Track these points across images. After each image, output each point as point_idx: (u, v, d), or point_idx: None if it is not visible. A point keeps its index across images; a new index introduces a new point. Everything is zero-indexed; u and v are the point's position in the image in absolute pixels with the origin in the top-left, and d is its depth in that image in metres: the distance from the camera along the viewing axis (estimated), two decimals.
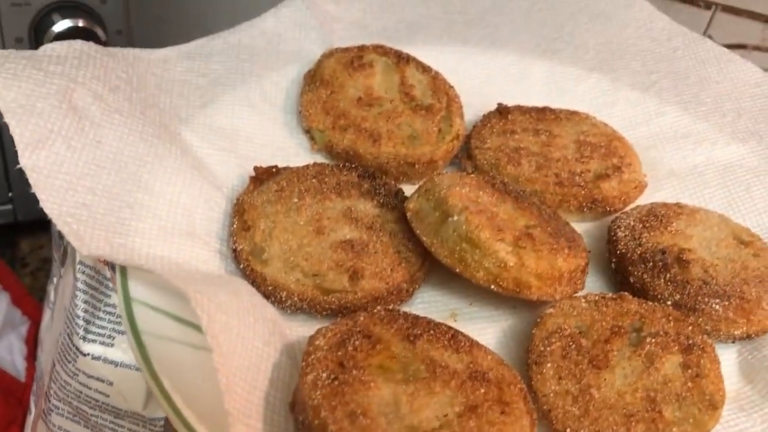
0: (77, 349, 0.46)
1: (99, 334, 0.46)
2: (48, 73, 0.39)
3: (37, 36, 0.61)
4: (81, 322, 0.46)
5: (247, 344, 0.33)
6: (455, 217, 0.38)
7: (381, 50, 0.52)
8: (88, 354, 0.46)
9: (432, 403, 0.32)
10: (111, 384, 0.46)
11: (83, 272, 0.46)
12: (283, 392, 0.33)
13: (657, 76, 0.57)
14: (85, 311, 0.46)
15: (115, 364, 0.46)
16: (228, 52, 0.51)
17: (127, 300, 0.35)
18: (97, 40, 0.52)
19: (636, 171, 0.49)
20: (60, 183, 0.37)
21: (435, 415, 0.31)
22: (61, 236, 0.54)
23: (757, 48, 0.88)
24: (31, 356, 0.63)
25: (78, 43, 0.43)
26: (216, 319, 0.32)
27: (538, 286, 0.38)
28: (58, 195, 0.36)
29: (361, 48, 0.52)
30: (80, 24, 0.63)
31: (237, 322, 0.33)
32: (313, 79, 0.50)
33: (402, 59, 0.52)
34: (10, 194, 0.69)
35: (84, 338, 0.46)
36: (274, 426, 0.32)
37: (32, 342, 0.64)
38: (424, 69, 0.52)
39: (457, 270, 0.38)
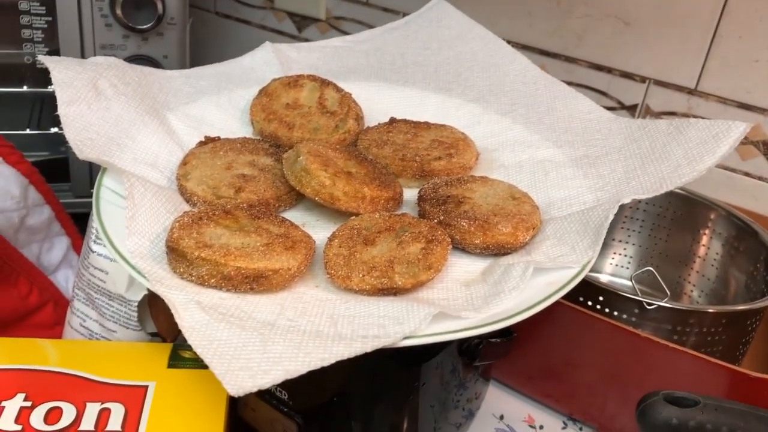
0: (90, 248, 0.72)
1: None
2: (86, 69, 0.68)
3: None
4: (93, 230, 0.72)
5: (152, 207, 0.58)
6: (301, 157, 0.62)
7: (312, 77, 0.78)
8: (95, 252, 0.72)
9: (244, 239, 0.55)
10: (107, 273, 0.71)
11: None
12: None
13: (517, 106, 0.78)
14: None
15: (110, 259, 0.71)
16: (214, 76, 0.79)
17: (99, 184, 0.61)
18: None
19: (465, 158, 0.70)
20: (79, 126, 0.64)
21: (241, 242, 0.54)
22: None
23: (685, 115, 1.07)
24: None
25: (111, 58, 0.72)
26: (135, 188, 0.57)
27: (345, 201, 0.60)
28: (76, 132, 0.63)
29: (299, 75, 0.78)
30: None
31: (151, 196, 0.58)
32: (261, 91, 0.76)
33: (324, 83, 0.77)
34: None
35: (94, 241, 0.72)
36: (156, 244, 0.55)
37: None
38: (339, 90, 0.77)
39: (297, 187, 0.61)
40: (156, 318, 0.74)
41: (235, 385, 0.41)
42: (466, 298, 0.54)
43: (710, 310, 0.78)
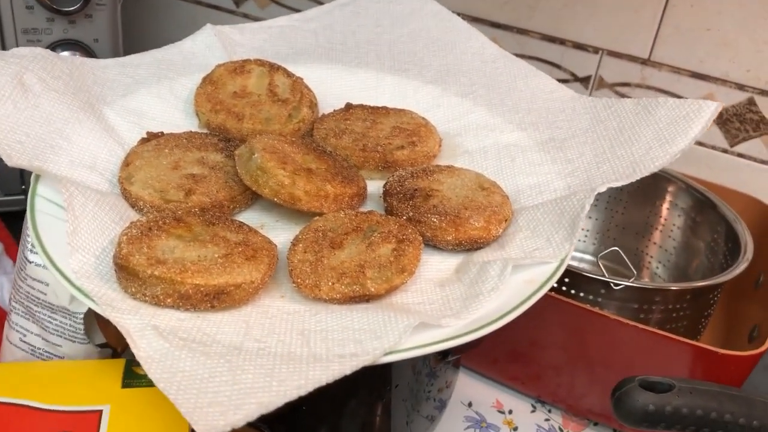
0: (26, 258, 0.66)
1: None
2: (8, 63, 0.61)
3: None
4: (29, 239, 0.66)
5: (95, 218, 0.52)
6: (255, 155, 0.57)
7: (259, 62, 0.73)
8: (32, 262, 0.65)
9: (200, 251, 0.50)
10: (47, 285, 0.66)
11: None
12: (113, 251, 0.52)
13: (477, 86, 0.75)
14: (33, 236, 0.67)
15: None
16: (153, 63, 0.73)
17: (33, 194, 0.55)
18: None
19: (428, 146, 0.67)
20: (5, 128, 0.58)
21: (197, 255, 0.50)
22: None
23: (638, 85, 1.05)
24: None
25: (37, 49, 0.65)
26: (75, 197, 0.52)
27: (306, 200, 0.56)
28: (3, 135, 0.57)
29: (246, 60, 0.73)
30: None
31: (93, 205, 0.53)
32: (205, 79, 0.71)
33: (273, 68, 0.72)
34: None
35: (31, 251, 0.66)
36: (101, 261, 0.50)
37: None
38: (289, 75, 0.72)
39: (254, 188, 0.57)
40: (104, 328, 0.69)
41: (206, 424, 0.37)
42: (442, 301, 0.51)
43: (674, 288, 0.78)
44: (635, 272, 0.78)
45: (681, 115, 0.62)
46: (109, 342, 0.70)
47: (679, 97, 1.01)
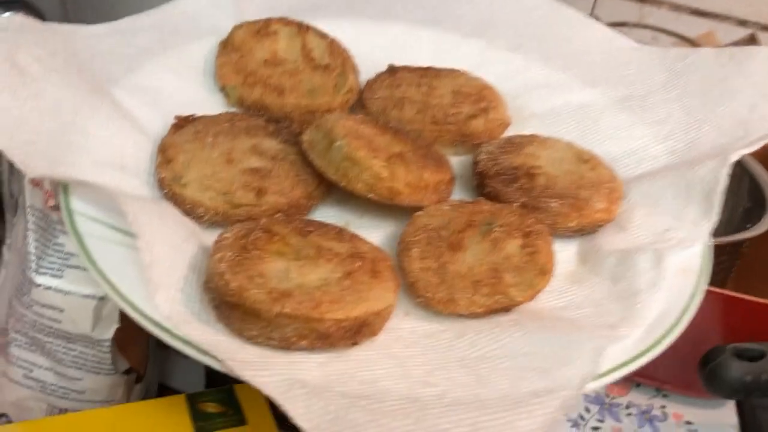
0: (31, 281, 0.54)
1: (49, 269, 0.54)
2: None
3: None
4: (33, 257, 0.54)
5: (168, 238, 0.41)
6: (339, 142, 0.47)
7: (285, 21, 0.61)
8: (41, 285, 0.53)
9: (316, 271, 0.40)
10: (62, 311, 0.54)
11: (33, 215, 0.54)
12: (199, 275, 0.41)
13: (524, 38, 0.67)
14: (36, 248, 0.54)
15: (64, 293, 0.54)
16: (152, 28, 0.59)
17: (69, 212, 0.43)
18: None
19: (501, 112, 0.59)
20: (9, 124, 0.45)
21: (318, 278, 0.40)
22: (11, 194, 0.61)
23: (636, 25, 1.00)
24: None
25: (18, 17, 0.51)
26: (140, 215, 0.40)
27: (408, 193, 0.47)
28: (8, 133, 0.44)
29: (268, 20, 0.61)
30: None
31: (159, 221, 0.42)
32: (226, 46, 0.59)
33: (302, 28, 0.61)
34: None
35: (36, 271, 0.53)
36: (191, 296, 0.40)
37: None
38: (323, 36, 0.61)
39: (342, 184, 0.47)
40: (124, 349, 0.58)
41: None
42: (591, 304, 0.44)
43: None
44: None
45: None
46: (132, 365, 0.59)
47: (679, 36, 0.97)
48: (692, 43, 0.97)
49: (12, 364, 0.57)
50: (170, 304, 0.38)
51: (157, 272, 0.38)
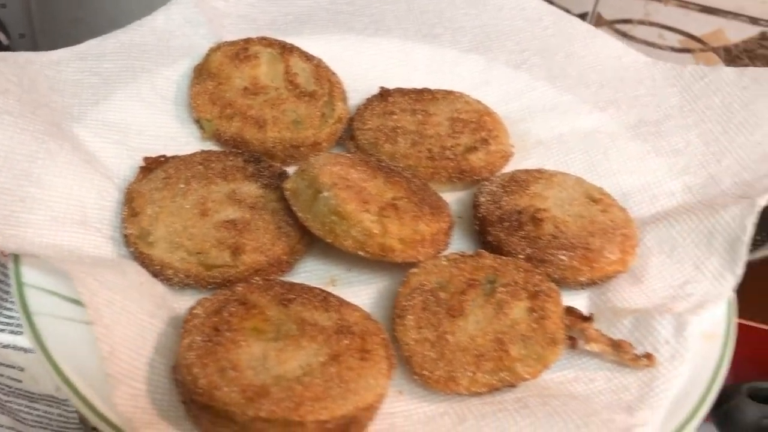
0: None
1: (8, 324, 0.49)
2: None
3: None
4: None
5: (131, 317, 0.36)
6: (325, 193, 0.42)
7: (266, 42, 0.56)
8: None
9: (298, 355, 0.36)
10: (22, 370, 0.49)
11: None
12: (168, 358, 0.37)
13: (528, 53, 0.62)
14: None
15: (25, 350, 0.49)
16: (120, 51, 0.54)
17: (20, 284, 0.38)
18: None
19: (502, 142, 0.54)
20: None
21: (299, 365, 0.35)
22: None
23: (641, 22, 0.94)
24: None
25: None
26: (99, 295, 0.35)
27: (401, 249, 0.42)
28: None
29: (247, 41, 0.55)
30: None
31: (121, 297, 0.37)
32: (201, 72, 0.53)
33: (286, 50, 0.56)
34: None
35: None
36: (158, 387, 0.35)
37: None
38: (308, 58, 0.56)
39: (329, 240, 0.42)
40: None
41: None
42: (606, 375, 0.40)
43: None
44: None
45: None
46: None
47: (686, 34, 0.92)
48: (700, 41, 0.91)
49: None
50: (133, 401, 0.33)
51: (117, 364, 0.34)
